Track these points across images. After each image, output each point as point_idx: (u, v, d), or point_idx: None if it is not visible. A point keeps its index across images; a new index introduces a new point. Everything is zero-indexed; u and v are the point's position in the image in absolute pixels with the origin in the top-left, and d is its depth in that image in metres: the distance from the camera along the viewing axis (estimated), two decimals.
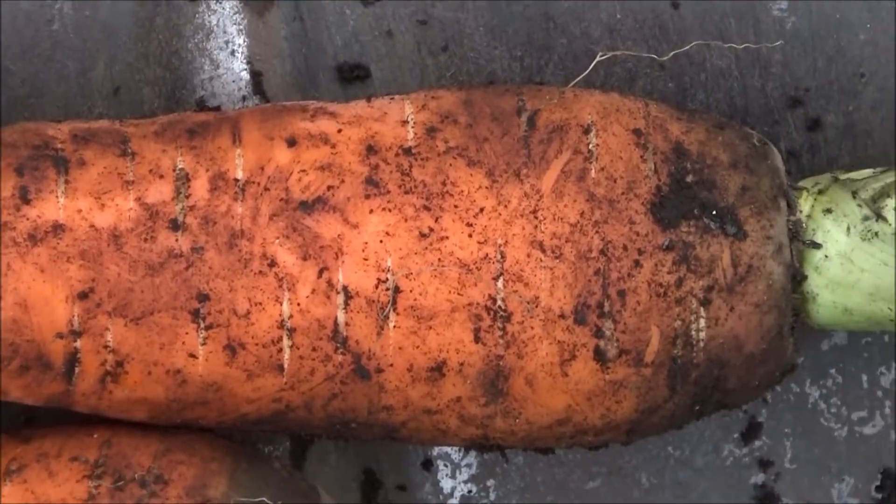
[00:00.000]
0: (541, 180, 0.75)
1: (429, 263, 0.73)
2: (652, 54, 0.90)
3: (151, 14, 0.92)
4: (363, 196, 0.74)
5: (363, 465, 0.94)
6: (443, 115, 0.77)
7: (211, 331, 0.73)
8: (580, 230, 0.74)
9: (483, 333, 0.73)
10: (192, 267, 0.73)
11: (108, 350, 0.74)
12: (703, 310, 0.75)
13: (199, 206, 0.74)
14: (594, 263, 0.73)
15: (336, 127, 0.77)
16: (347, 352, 0.74)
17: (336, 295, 0.73)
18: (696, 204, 0.76)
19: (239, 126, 0.78)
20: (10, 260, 0.71)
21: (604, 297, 0.73)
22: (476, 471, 0.96)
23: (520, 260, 0.73)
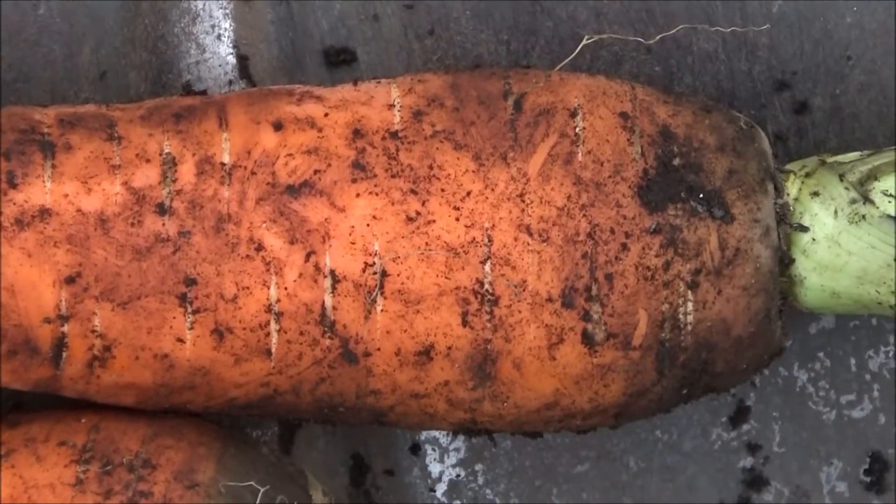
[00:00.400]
0: (528, 164, 0.74)
1: (416, 247, 0.73)
2: (638, 38, 0.89)
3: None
4: (350, 180, 0.74)
5: (351, 449, 0.94)
6: (429, 99, 0.77)
7: (198, 315, 0.73)
8: (567, 213, 0.74)
9: (471, 317, 0.73)
10: (179, 251, 0.73)
11: (95, 335, 0.73)
12: (690, 293, 0.75)
13: (185, 190, 0.74)
14: (581, 247, 0.73)
15: (322, 111, 0.77)
16: (335, 336, 0.74)
17: (323, 279, 0.73)
18: (683, 187, 0.76)
19: (225, 110, 0.78)
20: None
21: (591, 280, 0.73)
22: (464, 455, 0.96)
23: (507, 243, 0.73)
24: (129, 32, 0.92)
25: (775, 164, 0.82)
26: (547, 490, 0.96)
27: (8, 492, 0.74)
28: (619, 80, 0.82)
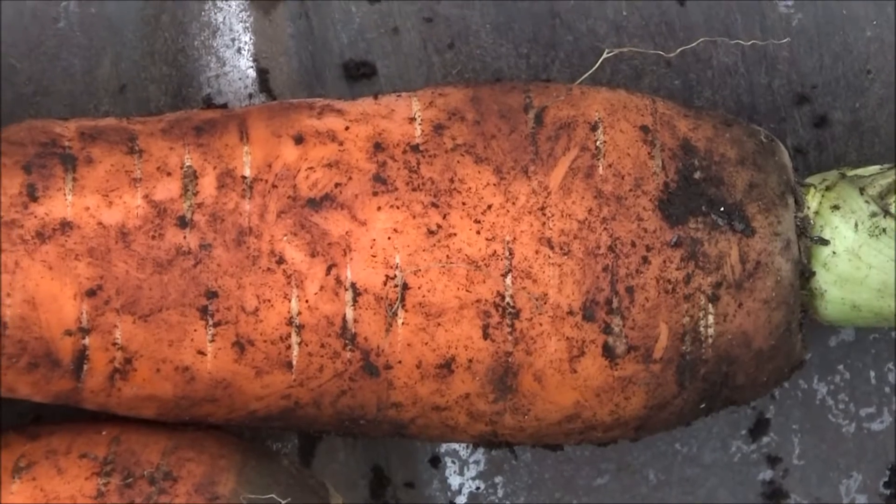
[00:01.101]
0: (549, 177, 0.75)
1: (437, 260, 0.73)
2: (658, 51, 0.89)
3: (157, 12, 0.91)
4: (371, 193, 0.74)
5: (371, 462, 0.94)
6: (450, 113, 0.77)
7: (219, 328, 0.73)
8: (588, 227, 0.74)
9: (492, 330, 0.73)
10: (201, 264, 0.73)
11: (116, 347, 0.73)
12: (711, 306, 0.75)
13: (206, 203, 0.74)
14: (602, 260, 0.73)
15: (343, 124, 0.77)
16: (356, 348, 0.74)
17: (344, 292, 0.73)
18: (703, 200, 0.76)
19: (246, 123, 0.78)
20: (19, 257, 0.71)
21: (612, 293, 0.73)
22: (484, 467, 0.96)
23: (528, 256, 0.73)
24: (149, 46, 0.92)
25: (795, 178, 0.82)
26: (566, 502, 0.96)
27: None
28: (639, 93, 0.82)
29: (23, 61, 0.89)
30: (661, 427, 0.82)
